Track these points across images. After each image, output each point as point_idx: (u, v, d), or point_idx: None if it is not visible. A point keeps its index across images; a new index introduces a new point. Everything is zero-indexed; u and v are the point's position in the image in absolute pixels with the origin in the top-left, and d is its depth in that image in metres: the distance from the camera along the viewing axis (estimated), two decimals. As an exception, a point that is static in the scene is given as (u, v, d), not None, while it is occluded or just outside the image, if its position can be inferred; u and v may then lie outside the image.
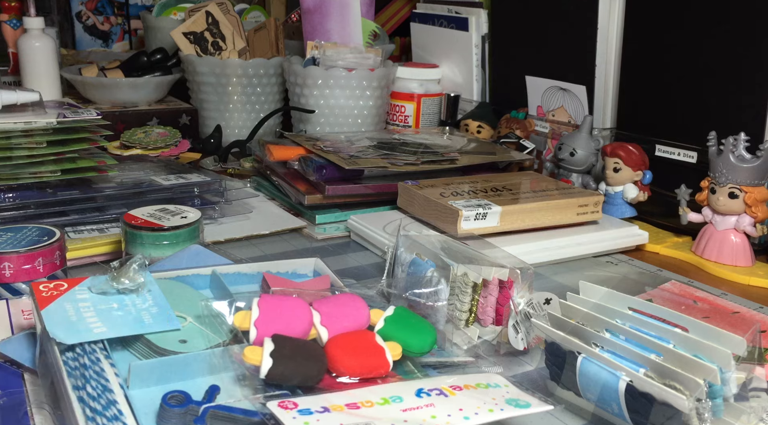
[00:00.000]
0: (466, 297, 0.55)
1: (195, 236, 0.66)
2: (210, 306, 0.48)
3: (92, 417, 0.38)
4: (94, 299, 0.49)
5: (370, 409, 0.39)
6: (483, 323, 0.57)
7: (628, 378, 0.43)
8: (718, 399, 0.43)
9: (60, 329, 0.44)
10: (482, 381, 0.44)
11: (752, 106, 0.78)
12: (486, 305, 0.56)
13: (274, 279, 0.57)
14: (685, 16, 0.84)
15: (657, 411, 0.42)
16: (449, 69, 1.19)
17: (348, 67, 1.05)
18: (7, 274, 0.58)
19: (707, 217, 0.78)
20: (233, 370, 0.45)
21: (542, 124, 1.02)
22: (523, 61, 1.05)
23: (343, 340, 0.46)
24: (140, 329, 0.47)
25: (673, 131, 0.86)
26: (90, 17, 1.62)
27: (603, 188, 0.88)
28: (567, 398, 0.49)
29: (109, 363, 0.43)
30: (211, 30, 1.16)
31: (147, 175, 0.82)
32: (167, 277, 0.56)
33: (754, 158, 0.73)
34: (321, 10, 1.11)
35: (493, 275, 0.56)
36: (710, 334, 0.46)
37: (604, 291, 0.53)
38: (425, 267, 0.57)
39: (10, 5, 1.17)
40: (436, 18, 1.19)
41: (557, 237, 0.76)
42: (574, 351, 0.47)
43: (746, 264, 0.76)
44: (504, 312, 0.55)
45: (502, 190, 0.80)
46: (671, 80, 0.86)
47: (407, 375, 0.47)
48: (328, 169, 0.85)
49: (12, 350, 0.49)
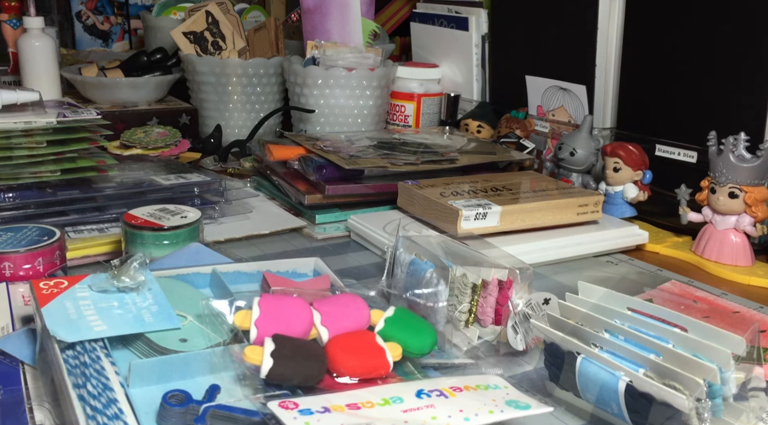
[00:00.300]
0: (465, 298, 0.56)
1: (195, 236, 0.66)
2: (210, 306, 0.48)
3: (92, 416, 0.38)
4: (95, 297, 0.49)
5: (371, 410, 0.39)
6: (483, 323, 0.57)
7: (627, 379, 0.43)
8: (718, 399, 0.43)
9: (60, 327, 0.44)
10: (482, 382, 0.44)
11: (752, 106, 0.78)
12: (485, 305, 0.56)
13: (275, 279, 0.57)
14: (685, 16, 0.84)
15: (656, 411, 0.42)
16: (449, 69, 1.19)
17: (348, 66, 1.05)
18: (7, 274, 0.58)
19: (707, 217, 0.78)
20: (234, 370, 0.45)
21: (542, 124, 1.02)
22: (523, 61, 1.05)
23: (344, 340, 0.46)
24: (140, 327, 0.47)
25: (673, 131, 0.86)
26: (90, 17, 1.62)
27: (603, 188, 0.88)
28: (566, 398, 0.49)
29: (110, 362, 0.43)
30: (211, 30, 1.16)
31: (147, 175, 0.82)
32: (167, 276, 0.56)
33: (754, 158, 0.73)
34: (321, 10, 1.11)
35: (493, 276, 0.56)
36: (710, 334, 0.46)
37: (603, 291, 0.53)
38: (424, 267, 0.57)
39: (10, 5, 1.17)
40: (436, 18, 1.19)
41: (557, 237, 0.76)
42: (573, 351, 0.47)
43: (746, 264, 0.76)
44: (503, 312, 0.55)
45: (502, 190, 0.80)
46: (671, 80, 0.86)
47: (407, 375, 0.47)
48: (328, 169, 0.85)
49: (12, 347, 0.49)
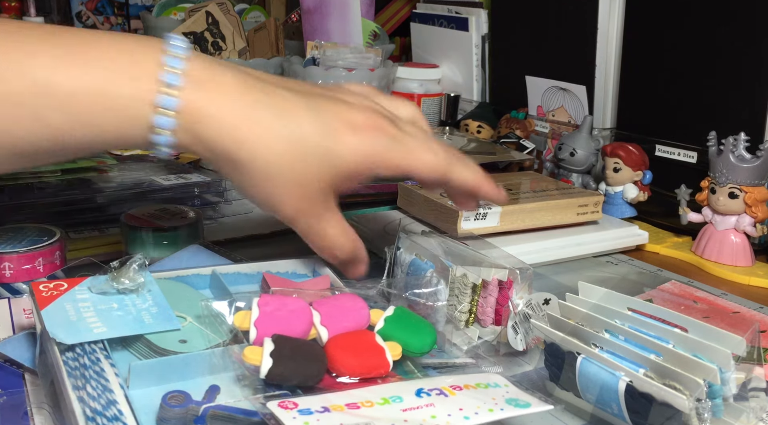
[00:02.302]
0: (465, 298, 0.55)
1: (195, 236, 0.66)
2: (210, 306, 0.48)
3: (92, 417, 0.38)
4: (94, 299, 0.49)
5: (370, 409, 0.39)
6: (483, 323, 0.57)
7: (627, 379, 0.43)
8: (718, 399, 0.43)
9: (60, 329, 0.44)
10: (482, 380, 0.44)
11: (752, 106, 0.78)
12: (486, 306, 0.56)
13: (274, 279, 0.57)
14: (685, 16, 0.84)
15: (656, 412, 0.42)
16: (449, 69, 1.19)
17: (348, 67, 1.05)
18: (7, 274, 0.58)
19: (707, 217, 0.78)
20: (233, 370, 0.45)
21: (542, 124, 1.02)
22: (523, 61, 1.05)
23: (343, 340, 0.46)
24: (140, 329, 0.47)
25: (673, 131, 0.86)
26: (90, 17, 1.62)
27: (603, 188, 0.88)
28: (566, 399, 0.49)
29: (109, 363, 0.43)
30: (211, 30, 1.16)
31: (147, 175, 0.82)
32: (167, 277, 0.56)
33: (754, 158, 0.73)
34: (321, 10, 1.11)
35: (493, 276, 0.56)
36: (710, 334, 0.46)
37: (603, 291, 0.52)
38: (425, 268, 0.57)
39: (10, 5, 1.17)
40: (436, 18, 1.19)
41: (557, 237, 0.76)
42: (573, 351, 0.47)
43: (746, 264, 0.76)
44: (503, 312, 0.55)
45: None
46: (671, 80, 0.86)
47: (407, 375, 0.47)
48: (328, 169, 0.84)
49: (12, 350, 0.49)
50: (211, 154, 0.46)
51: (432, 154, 0.51)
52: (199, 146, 0.46)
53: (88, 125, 0.43)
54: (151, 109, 0.44)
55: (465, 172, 0.53)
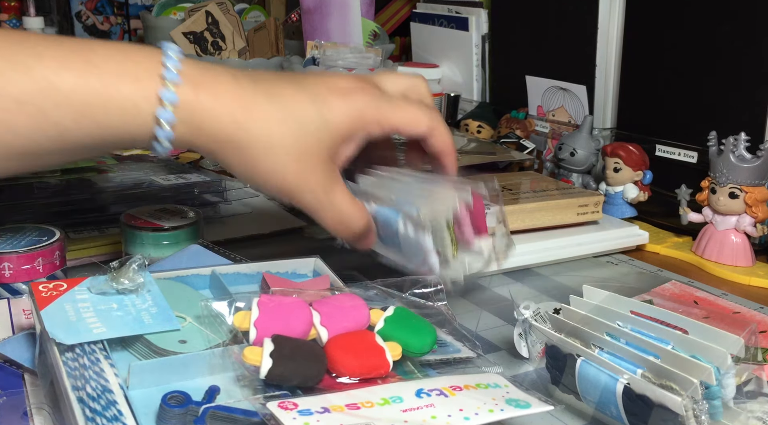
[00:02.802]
0: (444, 233, 0.55)
1: (195, 236, 0.66)
2: (210, 307, 0.48)
3: (92, 418, 0.38)
4: (94, 299, 0.49)
5: (371, 410, 0.39)
6: (468, 246, 0.57)
7: (625, 380, 0.43)
8: (717, 401, 0.42)
9: (60, 329, 0.44)
10: (482, 381, 0.44)
11: (752, 106, 0.78)
12: (463, 229, 0.56)
13: (274, 279, 0.57)
14: (685, 15, 0.84)
15: (654, 414, 0.41)
16: (449, 69, 1.19)
17: (348, 67, 1.05)
18: (6, 274, 0.58)
19: (707, 217, 0.78)
20: (233, 371, 0.45)
21: (542, 124, 1.02)
22: (523, 61, 1.05)
23: (343, 340, 0.46)
24: (140, 329, 0.47)
25: (673, 131, 0.86)
26: (90, 17, 1.62)
27: (603, 188, 0.88)
28: (567, 402, 0.48)
29: (109, 364, 0.43)
30: (211, 30, 1.16)
31: (147, 175, 0.82)
32: (167, 277, 0.56)
33: (754, 158, 0.73)
34: (321, 10, 1.11)
35: (459, 202, 0.55)
36: (709, 335, 0.46)
37: (605, 294, 0.52)
38: (392, 217, 0.55)
39: (10, 5, 1.17)
40: (436, 18, 1.19)
41: (557, 238, 0.76)
42: (573, 354, 0.47)
43: (746, 264, 0.76)
44: (479, 222, 0.56)
45: (502, 190, 0.80)
46: (671, 80, 0.86)
47: (407, 375, 0.47)
48: (328, 169, 0.84)
49: (11, 350, 0.49)
50: (213, 142, 0.48)
51: (419, 109, 0.55)
52: (201, 137, 0.48)
53: (93, 122, 0.45)
54: (155, 104, 0.46)
55: (446, 135, 0.57)
